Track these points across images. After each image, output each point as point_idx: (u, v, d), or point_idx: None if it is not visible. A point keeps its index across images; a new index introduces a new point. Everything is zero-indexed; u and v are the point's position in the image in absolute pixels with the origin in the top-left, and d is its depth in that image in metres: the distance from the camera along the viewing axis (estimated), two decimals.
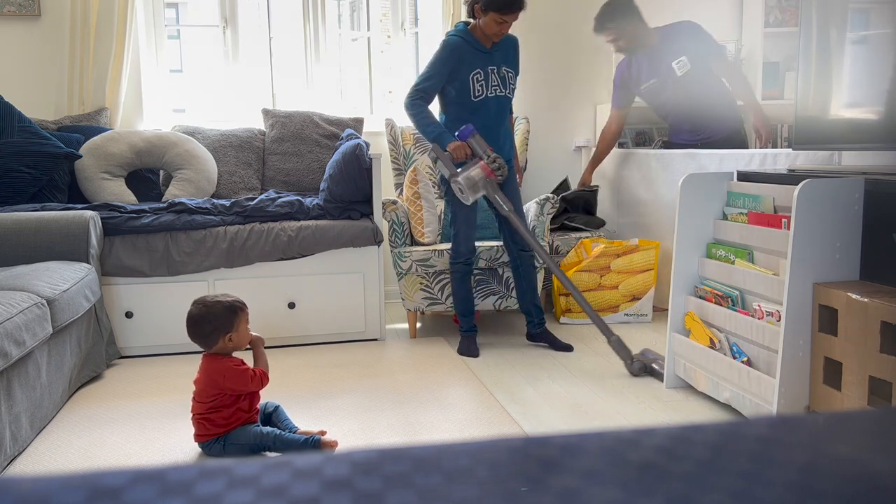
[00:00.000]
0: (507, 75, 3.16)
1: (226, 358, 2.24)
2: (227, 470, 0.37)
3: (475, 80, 3.11)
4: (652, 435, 0.42)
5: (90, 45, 3.82)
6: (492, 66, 3.13)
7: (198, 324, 2.22)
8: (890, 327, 1.92)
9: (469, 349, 3.26)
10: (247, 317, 2.27)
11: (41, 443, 2.36)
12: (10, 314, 2.16)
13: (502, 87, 3.16)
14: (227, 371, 2.21)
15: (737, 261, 2.50)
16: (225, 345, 2.23)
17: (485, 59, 3.12)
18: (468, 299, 3.32)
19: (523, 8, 3.02)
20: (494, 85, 3.13)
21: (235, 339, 2.23)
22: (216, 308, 2.22)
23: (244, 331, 2.25)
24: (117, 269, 3.20)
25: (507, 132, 3.27)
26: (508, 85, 3.18)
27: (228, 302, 2.24)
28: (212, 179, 3.73)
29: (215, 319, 2.21)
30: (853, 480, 0.37)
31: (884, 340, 1.94)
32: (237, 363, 2.25)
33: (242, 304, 2.27)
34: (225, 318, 2.21)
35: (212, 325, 2.21)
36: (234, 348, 2.26)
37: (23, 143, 3.42)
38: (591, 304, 3.74)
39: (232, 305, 2.24)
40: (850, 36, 2.49)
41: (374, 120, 4.24)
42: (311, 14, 4.21)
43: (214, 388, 2.21)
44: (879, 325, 1.94)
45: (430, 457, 0.39)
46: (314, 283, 3.41)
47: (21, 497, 0.34)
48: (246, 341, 2.27)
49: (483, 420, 2.50)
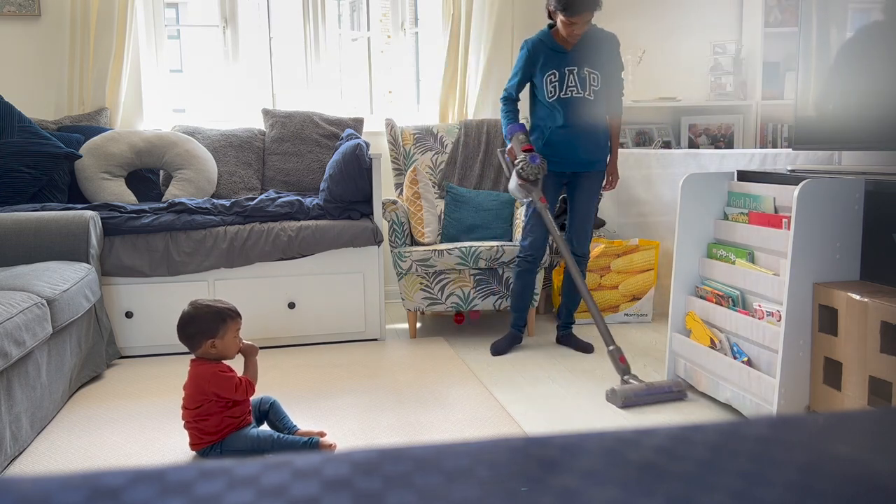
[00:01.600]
0: (588, 76, 3.08)
1: (212, 363, 2.21)
2: (227, 470, 0.37)
3: (548, 80, 3.09)
4: (652, 435, 0.42)
5: (90, 45, 3.82)
6: (570, 67, 3.07)
7: (185, 324, 2.20)
8: (890, 327, 1.92)
9: (502, 346, 3.28)
10: (237, 326, 2.23)
11: (41, 443, 2.36)
12: (10, 314, 2.15)
13: (580, 88, 3.07)
14: (212, 376, 2.17)
15: (737, 261, 2.50)
16: (208, 350, 2.19)
17: (560, 60, 3.07)
18: (521, 295, 3.29)
19: (591, 9, 2.94)
20: (571, 86, 3.07)
21: (220, 346, 2.19)
22: (204, 311, 2.19)
23: (231, 339, 2.21)
24: (117, 269, 3.20)
25: (589, 135, 3.14)
26: (589, 86, 3.08)
27: (218, 308, 2.21)
28: (212, 179, 3.73)
29: (201, 322, 2.18)
30: (853, 480, 0.37)
31: (884, 340, 1.94)
32: (223, 368, 2.21)
33: (233, 313, 2.23)
34: (211, 322, 2.18)
35: (196, 328, 2.19)
36: (219, 355, 2.21)
37: (23, 143, 3.42)
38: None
39: (221, 312, 2.20)
40: (851, 36, 2.49)
41: (374, 120, 4.24)
42: (311, 14, 4.21)
43: (200, 394, 2.18)
44: (879, 325, 1.94)
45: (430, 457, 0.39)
46: (314, 283, 3.41)
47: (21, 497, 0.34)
48: (233, 350, 2.23)
49: (483, 420, 2.50)
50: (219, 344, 2.19)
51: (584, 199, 3.22)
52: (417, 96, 4.51)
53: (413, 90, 4.49)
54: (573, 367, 3.08)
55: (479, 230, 3.74)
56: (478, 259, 3.41)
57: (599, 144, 3.19)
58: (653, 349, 3.29)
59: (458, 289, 3.47)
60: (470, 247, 3.41)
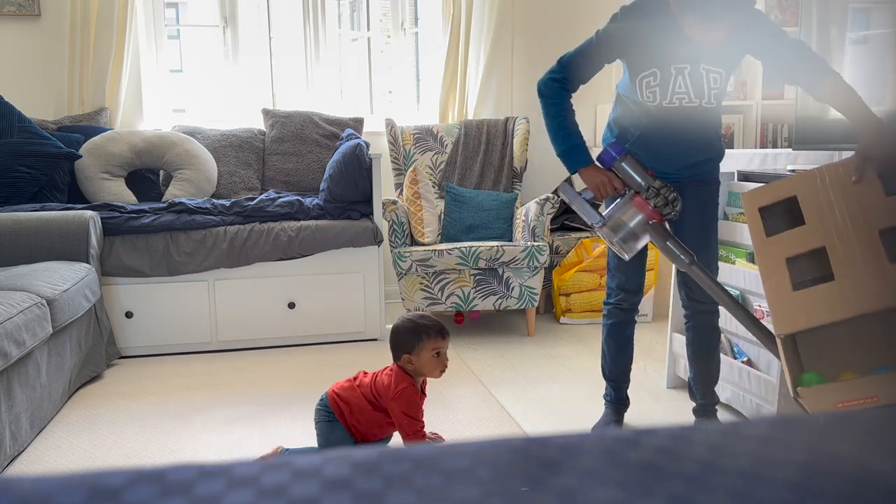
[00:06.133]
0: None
1: (408, 376, 2.09)
2: (227, 470, 0.37)
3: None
4: (652, 435, 0.42)
5: (90, 45, 3.82)
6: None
7: (391, 334, 2.13)
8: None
9: (604, 423, 2.44)
10: (434, 345, 2.07)
11: (41, 443, 2.36)
12: (10, 314, 2.15)
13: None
14: (403, 391, 2.06)
15: (737, 261, 2.50)
16: (406, 364, 2.10)
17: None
18: (617, 359, 2.38)
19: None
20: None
21: (416, 363, 2.08)
22: (404, 325, 2.10)
23: (426, 357, 2.07)
24: (117, 269, 3.20)
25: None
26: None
27: (418, 323, 2.09)
28: (212, 179, 3.73)
29: (398, 335, 2.10)
30: (853, 480, 0.37)
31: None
32: (414, 392, 2.08)
33: (432, 331, 2.07)
34: (405, 336, 2.09)
35: (394, 340, 2.11)
36: (416, 371, 2.10)
37: (23, 143, 3.42)
38: (591, 304, 3.75)
39: (418, 327, 2.08)
40: (850, 36, 2.49)
41: (374, 120, 4.24)
42: (311, 14, 4.21)
43: (377, 394, 2.10)
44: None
45: (430, 457, 0.39)
46: (314, 283, 3.41)
47: (21, 497, 0.34)
48: (429, 370, 2.09)
49: (483, 420, 2.50)
50: (415, 360, 2.08)
51: (695, 233, 2.27)
52: (417, 96, 4.51)
53: (413, 90, 4.49)
54: (573, 366, 3.08)
55: (479, 230, 3.74)
56: (478, 259, 3.41)
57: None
58: (653, 349, 3.29)
59: (458, 289, 3.47)
60: (470, 247, 3.41)
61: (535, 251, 3.44)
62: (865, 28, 2.47)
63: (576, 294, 3.77)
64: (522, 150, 4.00)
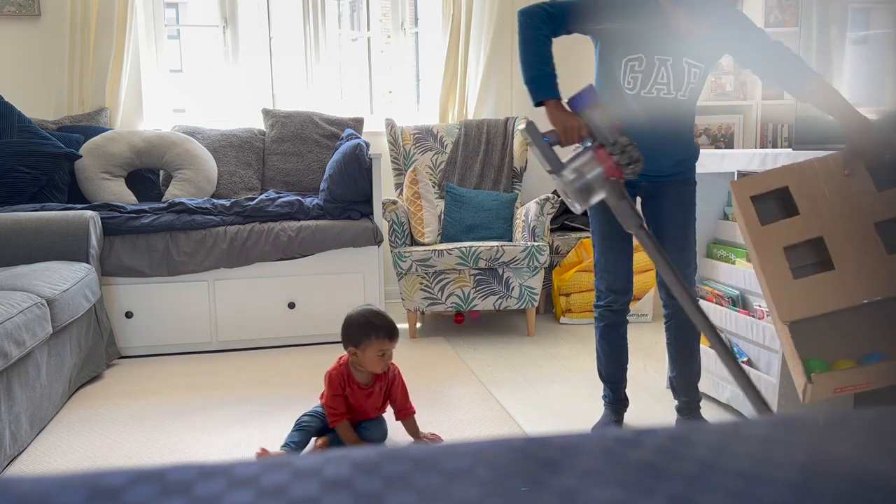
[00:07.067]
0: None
1: (341, 365, 2.30)
2: (227, 470, 0.37)
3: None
4: (652, 435, 0.42)
5: (90, 45, 3.82)
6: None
7: (344, 323, 2.27)
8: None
9: (603, 423, 2.44)
10: (381, 346, 2.22)
11: (41, 443, 2.36)
12: (10, 314, 2.15)
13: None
14: (329, 379, 2.29)
15: (737, 261, 2.50)
16: (350, 355, 2.27)
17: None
18: (610, 360, 2.39)
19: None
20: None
21: (360, 357, 2.24)
22: (355, 319, 2.25)
23: (371, 355, 2.22)
24: (117, 269, 3.20)
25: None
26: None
27: (367, 319, 2.23)
28: (212, 179, 3.73)
29: (348, 328, 2.25)
30: (853, 480, 0.37)
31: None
32: (337, 374, 2.28)
33: (378, 329, 2.22)
34: (354, 330, 2.24)
35: (347, 331, 2.25)
36: (358, 364, 2.27)
37: (23, 143, 3.42)
38: (591, 304, 3.74)
39: (368, 324, 2.22)
40: (850, 36, 2.49)
41: (374, 120, 4.24)
42: (311, 14, 4.21)
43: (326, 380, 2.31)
44: None
45: (430, 457, 0.39)
46: (314, 283, 3.41)
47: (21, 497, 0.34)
48: (371, 367, 2.25)
49: (483, 420, 2.50)
50: (360, 354, 2.23)
51: (675, 222, 2.29)
52: (417, 96, 4.51)
53: (413, 90, 4.49)
54: (573, 366, 3.08)
55: (479, 230, 3.74)
56: (478, 259, 3.41)
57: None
58: (653, 349, 3.29)
59: (458, 289, 3.47)
60: (470, 247, 3.41)
61: (535, 251, 3.44)
62: (865, 28, 2.47)
63: (576, 294, 3.77)
64: (522, 150, 3.99)
